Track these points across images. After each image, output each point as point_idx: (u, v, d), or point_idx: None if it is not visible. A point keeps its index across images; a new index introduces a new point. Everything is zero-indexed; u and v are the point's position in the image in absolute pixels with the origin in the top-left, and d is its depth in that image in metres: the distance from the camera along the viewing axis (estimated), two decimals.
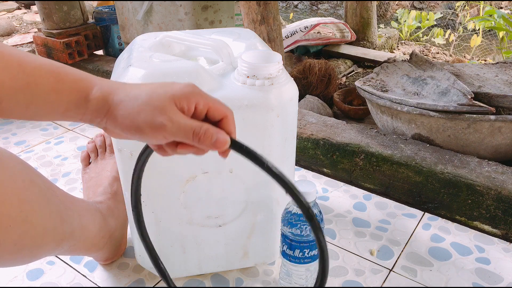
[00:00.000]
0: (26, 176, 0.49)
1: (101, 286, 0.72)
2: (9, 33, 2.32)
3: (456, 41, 2.35)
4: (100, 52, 1.70)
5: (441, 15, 2.77)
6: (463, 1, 2.76)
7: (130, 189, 0.50)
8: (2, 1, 2.95)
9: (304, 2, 3.72)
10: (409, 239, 0.81)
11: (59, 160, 1.08)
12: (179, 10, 1.21)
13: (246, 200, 0.65)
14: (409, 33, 2.48)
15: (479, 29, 2.29)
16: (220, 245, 0.69)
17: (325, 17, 2.10)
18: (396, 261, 0.76)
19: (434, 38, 2.42)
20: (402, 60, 1.17)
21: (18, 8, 2.91)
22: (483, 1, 2.73)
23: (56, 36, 1.52)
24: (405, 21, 2.46)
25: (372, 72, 1.18)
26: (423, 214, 0.88)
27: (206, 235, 0.67)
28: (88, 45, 1.59)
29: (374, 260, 0.76)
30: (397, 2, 3.30)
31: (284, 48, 1.59)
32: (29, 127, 1.25)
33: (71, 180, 1.00)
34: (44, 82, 0.41)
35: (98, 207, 0.69)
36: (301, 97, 1.35)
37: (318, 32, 1.86)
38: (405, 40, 2.42)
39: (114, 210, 0.72)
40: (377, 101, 1.05)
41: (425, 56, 1.27)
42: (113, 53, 1.66)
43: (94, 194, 0.74)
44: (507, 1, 3.03)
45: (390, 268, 0.75)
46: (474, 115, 0.92)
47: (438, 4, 3.29)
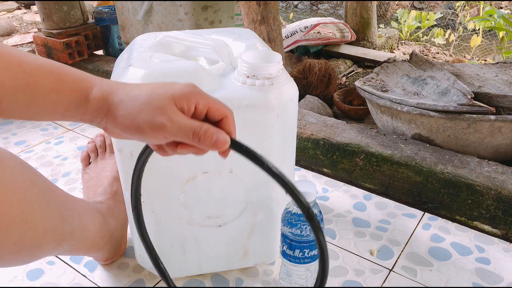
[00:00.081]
0: (26, 176, 0.49)
1: (101, 286, 0.72)
2: (9, 33, 2.32)
3: (456, 41, 2.35)
4: (100, 52, 1.70)
5: (441, 15, 2.77)
6: (463, 1, 2.76)
7: (130, 189, 0.50)
8: (2, 1, 2.95)
9: (304, 2, 3.72)
10: (409, 239, 0.81)
11: (59, 160, 1.08)
12: (179, 10, 1.21)
13: (246, 200, 0.65)
14: (409, 33, 2.48)
15: (479, 29, 2.29)
16: (220, 245, 0.69)
17: (325, 17, 2.10)
18: (396, 261, 0.76)
19: (434, 38, 2.42)
20: (402, 60, 1.17)
21: (18, 8, 2.91)
22: (483, 1, 2.73)
23: (56, 36, 1.52)
24: (405, 21, 2.46)
25: (372, 72, 1.18)
26: (423, 214, 0.88)
27: (206, 235, 0.67)
28: (88, 45, 1.59)
29: (374, 260, 0.76)
30: (397, 2, 3.30)
31: (284, 48, 1.59)
32: (29, 127, 1.25)
33: (71, 180, 1.00)
34: (44, 82, 0.41)
35: (98, 207, 0.69)
36: (301, 97, 1.35)
37: (318, 32, 1.86)
38: (405, 40, 2.42)
39: (114, 210, 0.72)
40: (377, 101, 1.05)
41: (425, 56, 1.27)
42: (113, 53, 1.66)
43: (94, 194, 0.74)
44: (507, 1, 3.03)
45: (390, 268, 0.75)
46: (474, 115, 0.92)
47: (438, 4, 3.29)
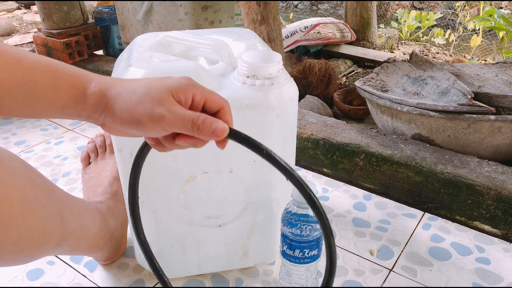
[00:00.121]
0: (26, 176, 0.49)
1: (101, 286, 0.72)
2: (9, 33, 2.32)
3: (456, 41, 2.35)
4: (100, 52, 1.70)
5: (441, 15, 2.77)
6: (463, 1, 2.76)
7: (128, 186, 0.49)
8: (2, 1, 2.95)
9: (304, 2, 3.72)
10: (409, 239, 0.81)
11: (59, 160, 1.08)
12: (179, 10, 1.21)
13: (246, 200, 0.65)
14: (409, 33, 2.48)
15: (479, 29, 2.29)
16: (220, 245, 0.69)
17: (325, 17, 2.10)
18: (396, 261, 0.76)
19: (434, 38, 2.42)
20: (402, 60, 1.17)
21: (18, 8, 2.91)
22: (483, 1, 2.73)
23: (56, 36, 1.52)
24: (405, 21, 2.46)
25: (372, 72, 1.18)
26: (423, 214, 0.88)
27: (206, 235, 0.67)
28: (88, 45, 1.59)
29: (374, 260, 0.76)
30: (397, 2, 3.30)
31: (284, 48, 1.59)
32: (29, 127, 1.25)
33: (71, 180, 1.00)
34: (42, 79, 0.41)
35: (98, 207, 0.69)
36: (301, 97, 1.35)
37: (318, 32, 1.86)
38: (405, 40, 2.42)
39: (114, 210, 0.72)
40: (377, 101, 1.05)
41: (425, 56, 1.27)
42: (113, 53, 1.66)
43: (94, 194, 0.74)
44: (507, 1, 3.03)
45: (390, 268, 0.75)
46: (474, 115, 0.92)
47: (438, 4, 3.29)
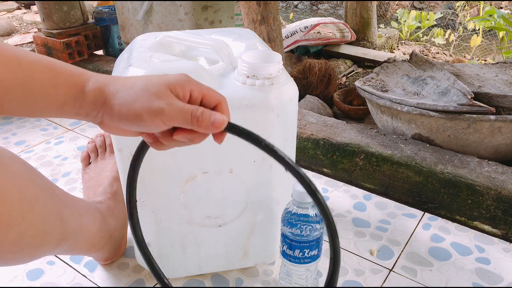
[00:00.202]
0: (26, 176, 0.49)
1: (101, 286, 0.72)
2: (9, 33, 2.32)
3: (456, 41, 2.35)
4: (100, 52, 1.70)
5: (441, 15, 2.77)
6: (463, 1, 2.76)
7: (126, 185, 0.49)
8: (2, 1, 2.95)
9: (304, 2, 3.72)
10: (409, 239, 0.81)
11: (59, 160, 1.08)
12: (179, 10, 1.21)
13: (246, 200, 0.65)
14: (409, 33, 2.48)
15: (479, 29, 2.29)
16: (220, 245, 0.69)
17: (325, 17, 2.10)
18: (396, 261, 0.76)
19: (434, 38, 2.42)
20: (402, 60, 1.17)
21: (18, 8, 2.91)
22: (483, 1, 2.73)
23: (56, 36, 1.52)
24: (405, 21, 2.46)
25: (372, 72, 1.18)
26: (423, 214, 0.88)
27: (206, 235, 0.67)
28: (88, 45, 1.59)
29: (374, 260, 0.76)
30: (397, 2, 3.30)
31: (284, 48, 1.59)
32: (29, 127, 1.25)
33: (71, 180, 1.00)
34: (41, 77, 0.41)
35: (98, 207, 0.69)
36: (301, 97, 1.35)
37: (318, 32, 1.86)
38: (405, 40, 2.42)
39: (114, 210, 0.72)
40: (377, 101, 1.05)
41: (425, 56, 1.27)
42: (113, 53, 1.66)
43: (94, 194, 0.74)
44: (507, 1, 3.03)
45: (390, 268, 0.75)
46: (474, 115, 0.92)
47: (438, 4, 3.29)
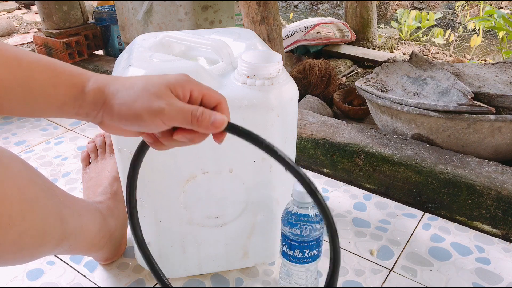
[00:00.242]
0: (26, 176, 0.49)
1: (101, 286, 0.72)
2: (9, 33, 2.32)
3: (456, 41, 2.35)
4: (100, 52, 1.70)
5: (441, 15, 2.77)
6: (463, 1, 2.76)
7: (126, 185, 0.49)
8: (2, 1, 2.95)
9: (304, 2, 3.72)
10: (409, 239, 0.81)
11: (59, 160, 1.08)
12: (179, 10, 1.21)
13: (246, 200, 0.65)
14: (409, 33, 2.48)
15: (479, 29, 2.29)
16: (220, 245, 0.69)
17: (325, 17, 2.10)
18: (396, 261, 0.76)
19: (434, 38, 2.42)
20: (402, 60, 1.17)
21: (18, 8, 2.91)
22: (483, 1, 2.73)
23: (56, 36, 1.52)
24: (405, 21, 2.46)
25: (372, 72, 1.18)
26: (423, 214, 0.88)
27: (206, 235, 0.67)
28: (88, 45, 1.59)
29: (374, 260, 0.76)
30: (397, 2, 3.30)
31: (284, 48, 1.59)
32: (29, 127, 1.25)
33: (71, 180, 1.00)
34: (41, 77, 0.41)
35: (98, 207, 0.69)
36: (301, 97, 1.35)
37: (318, 32, 1.86)
38: (405, 40, 2.42)
39: (114, 210, 0.72)
40: (377, 101, 1.05)
41: (425, 56, 1.27)
42: (113, 53, 1.66)
43: (94, 194, 0.74)
44: (507, 1, 3.03)
45: (390, 268, 0.75)
46: (474, 115, 0.92)
47: (438, 4, 3.29)
